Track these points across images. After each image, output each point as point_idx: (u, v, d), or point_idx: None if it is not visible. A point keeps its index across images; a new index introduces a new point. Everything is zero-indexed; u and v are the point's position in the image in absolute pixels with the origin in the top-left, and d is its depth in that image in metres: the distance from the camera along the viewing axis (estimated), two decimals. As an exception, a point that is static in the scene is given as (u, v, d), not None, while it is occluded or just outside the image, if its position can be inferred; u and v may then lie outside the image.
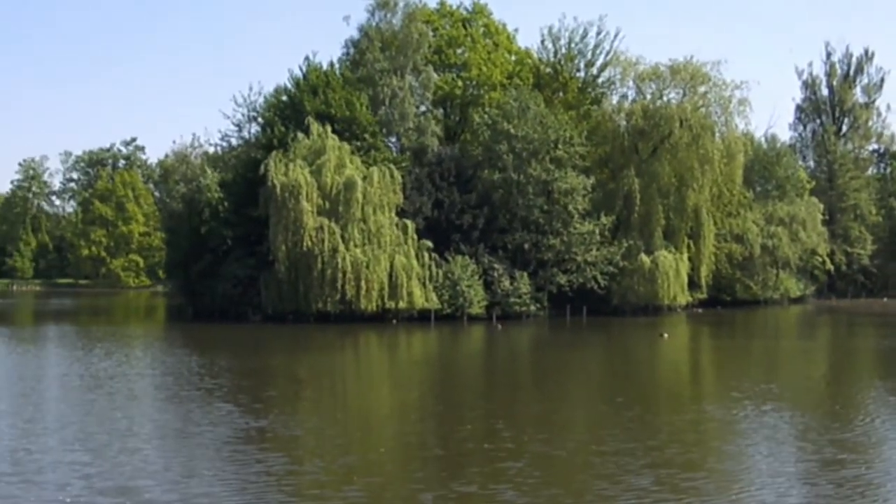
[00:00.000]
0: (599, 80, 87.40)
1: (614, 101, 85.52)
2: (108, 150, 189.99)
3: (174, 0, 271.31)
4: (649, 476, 18.50)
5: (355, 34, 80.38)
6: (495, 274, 69.89)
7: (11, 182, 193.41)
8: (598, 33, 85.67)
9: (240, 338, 55.04)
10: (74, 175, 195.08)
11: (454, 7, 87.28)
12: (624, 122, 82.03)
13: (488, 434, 22.79)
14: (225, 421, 23.88)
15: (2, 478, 17.69)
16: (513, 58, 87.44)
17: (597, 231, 73.94)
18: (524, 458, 19.93)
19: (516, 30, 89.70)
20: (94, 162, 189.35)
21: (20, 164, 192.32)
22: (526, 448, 21.02)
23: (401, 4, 79.15)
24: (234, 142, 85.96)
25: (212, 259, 69.97)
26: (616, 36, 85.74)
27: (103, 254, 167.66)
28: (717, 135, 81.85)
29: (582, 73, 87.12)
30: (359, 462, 19.84)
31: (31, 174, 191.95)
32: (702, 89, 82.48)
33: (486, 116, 75.30)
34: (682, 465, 19.75)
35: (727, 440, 22.99)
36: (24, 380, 33.07)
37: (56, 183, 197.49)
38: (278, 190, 63.28)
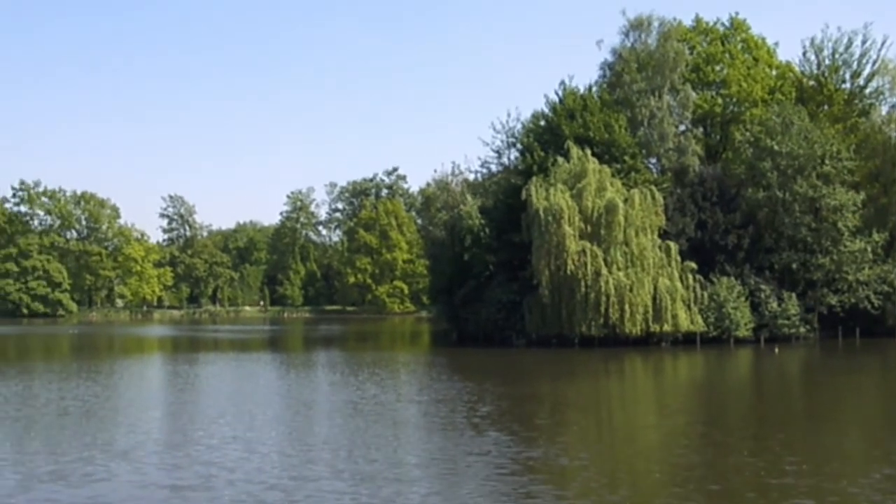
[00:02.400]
0: (867, 91, 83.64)
1: (884, 112, 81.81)
2: (372, 180, 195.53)
3: (432, 32, 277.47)
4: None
5: (609, 57, 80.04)
6: (762, 295, 68.00)
7: (281, 214, 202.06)
8: (864, 42, 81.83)
9: (505, 363, 55.28)
10: (339, 205, 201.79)
11: (711, 24, 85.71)
12: (895, 134, 78.34)
13: (770, 466, 21.31)
14: (496, 450, 23.48)
15: (274, 506, 17.94)
16: (774, 72, 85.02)
17: (869, 249, 70.71)
18: (819, 496, 18.30)
19: (776, 43, 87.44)
20: (358, 192, 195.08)
21: (288, 196, 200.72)
22: (817, 484, 19.38)
23: (655, 24, 78.42)
24: (493, 168, 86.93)
25: (475, 284, 70.90)
26: (883, 44, 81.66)
27: (369, 281, 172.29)
28: None
29: (848, 85, 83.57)
30: (635, 496, 19.00)
31: (299, 205, 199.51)
32: (981, 95, 78.22)
33: (748, 134, 73.57)
34: None
35: None
36: (296, 405, 33.88)
37: (322, 213, 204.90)
38: (540, 214, 63.41)
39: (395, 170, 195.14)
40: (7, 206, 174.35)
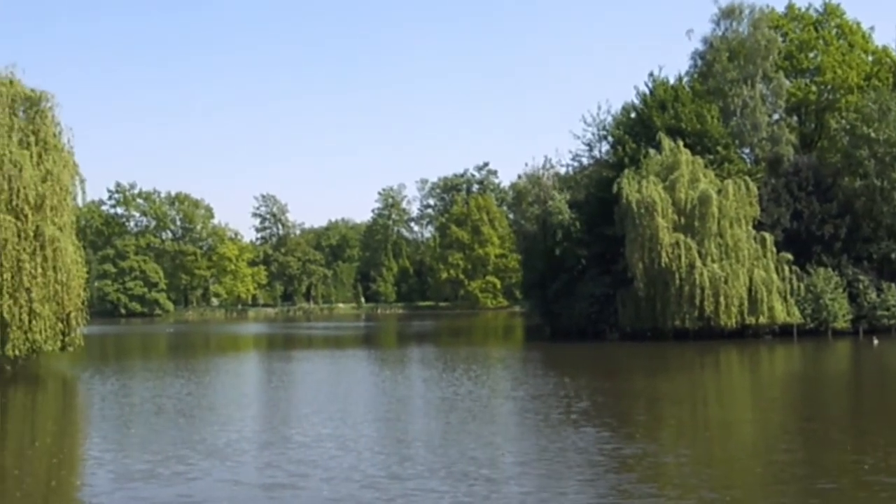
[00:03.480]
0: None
1: (984, 96, 79.67)
2: (462, 175, 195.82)
3: (521, 26, 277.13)
4: None
5: (700, 46, 79.06)
6: (860, 286, 66.81)
7: (372, 211, 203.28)
8: (964, 24, 79.88)
9: (599, 357, 55.10)
10: (431, 201, 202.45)
11: (803, 10, 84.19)
12: None
13: (878, 463, 20.40)
14: (593, 446, 23.17)
15: (365, 504, 17.90)
16: (870, 58, 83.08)
17: (971, 237, 69.02)
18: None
19: (872, 28, 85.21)
20: (449, 188, 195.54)
21: (380, 193, 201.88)
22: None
23: (747, 12, 77.24)
24: (585, 161, 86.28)
25: (567, 279, 70.65)
26: None
27: (461, 276, 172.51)
28: None
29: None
30: (739, 494, 18.35)
31: (391, 202, 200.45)
32: None
33: (843, 121, 72.16)
34: None
35: None
36: (390, 402, 33.88)
37: (414, 210, 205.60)
38: (633, 207, 63.11)
39: (486, 164, 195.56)
40: (104, 208, 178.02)
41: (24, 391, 41.00)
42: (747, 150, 76.11)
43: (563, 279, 71.26)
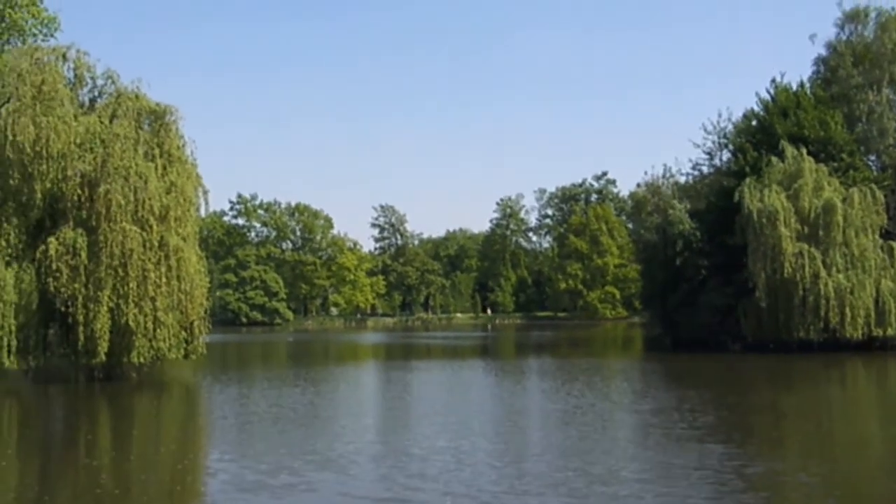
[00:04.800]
0: None
1: None
2: (581, 185, 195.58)
3: (639, 33, 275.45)
4: None
5: (823, 52, 77.66)
6: None
7: (490, 221, 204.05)
8: None
9: (722, 369, 54.11)
10: (549, 211, 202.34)
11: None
12: None
13: None
14: (719, 463, 22.36)
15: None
16: None
17: None
18: None
19: None
20: (568, 197, 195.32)
21: (498, 204, 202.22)
22: None
23: (872, 15, 75.61)
24: (705, 170, 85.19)
25: (688, 289, 69.86)
26: None
27: (580, 287, 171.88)
28: None
29: None
30: None
31: (509, 212, 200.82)
32: None
33: (975, 126, 70.05)
34: None
35: None
36: (508, 414, 33.51)
37: (532, 220, 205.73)
38: (755, 216, 62.09)
39: (605, 174, 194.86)
40: (226, 218, 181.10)
41: (149, 398, 41.78)
42: (873, 157, 74.32)
43: (683, 289, 70.48)
